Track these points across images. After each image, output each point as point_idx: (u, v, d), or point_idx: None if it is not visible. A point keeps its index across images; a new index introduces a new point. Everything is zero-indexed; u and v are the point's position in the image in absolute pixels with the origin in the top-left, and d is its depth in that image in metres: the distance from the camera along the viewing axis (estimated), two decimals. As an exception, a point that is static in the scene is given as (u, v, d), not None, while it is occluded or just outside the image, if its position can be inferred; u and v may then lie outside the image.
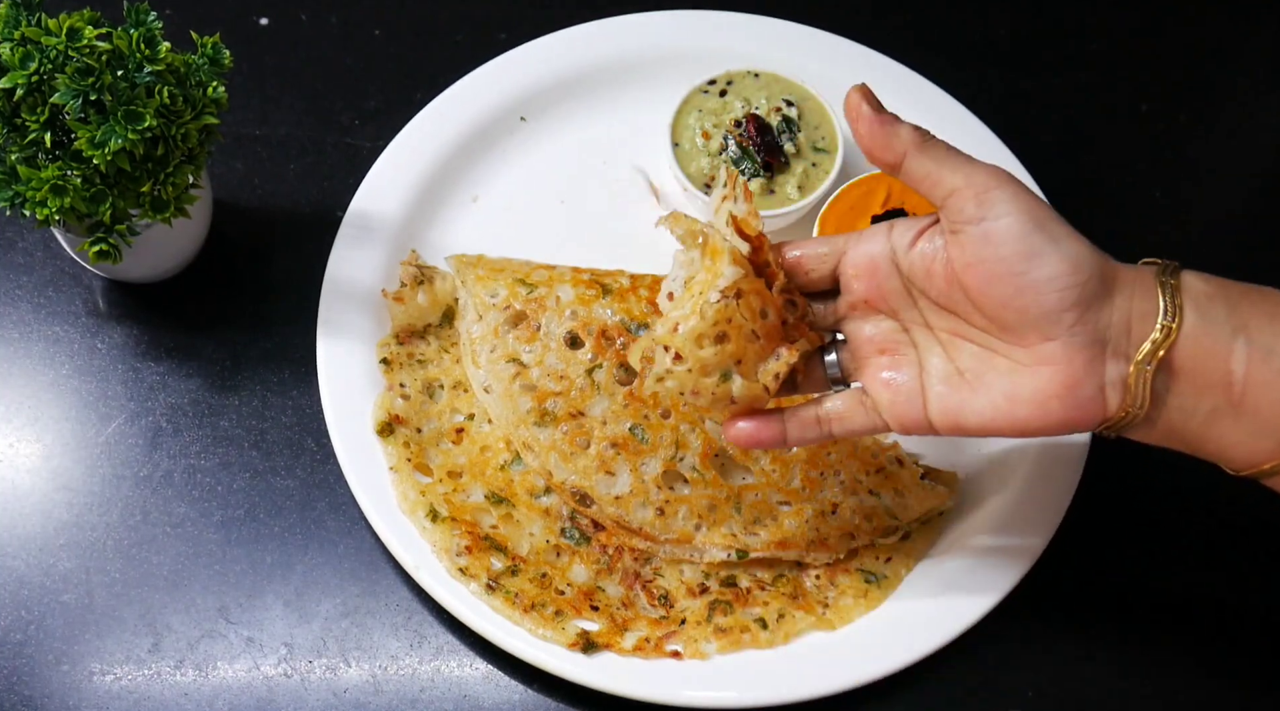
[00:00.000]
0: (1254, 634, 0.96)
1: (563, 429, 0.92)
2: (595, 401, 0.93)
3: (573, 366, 0.93)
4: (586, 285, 0.96)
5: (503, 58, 1.12)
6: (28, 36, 0.86)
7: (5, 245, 1.06)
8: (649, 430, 0.92)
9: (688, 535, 0.92)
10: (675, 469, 0.92)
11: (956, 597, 0.92)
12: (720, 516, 0.92)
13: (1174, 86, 1.20)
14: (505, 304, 0.96)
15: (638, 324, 0.94)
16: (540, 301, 0.95)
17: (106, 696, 0.90)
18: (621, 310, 0.94)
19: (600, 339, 0.93)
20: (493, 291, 0.97)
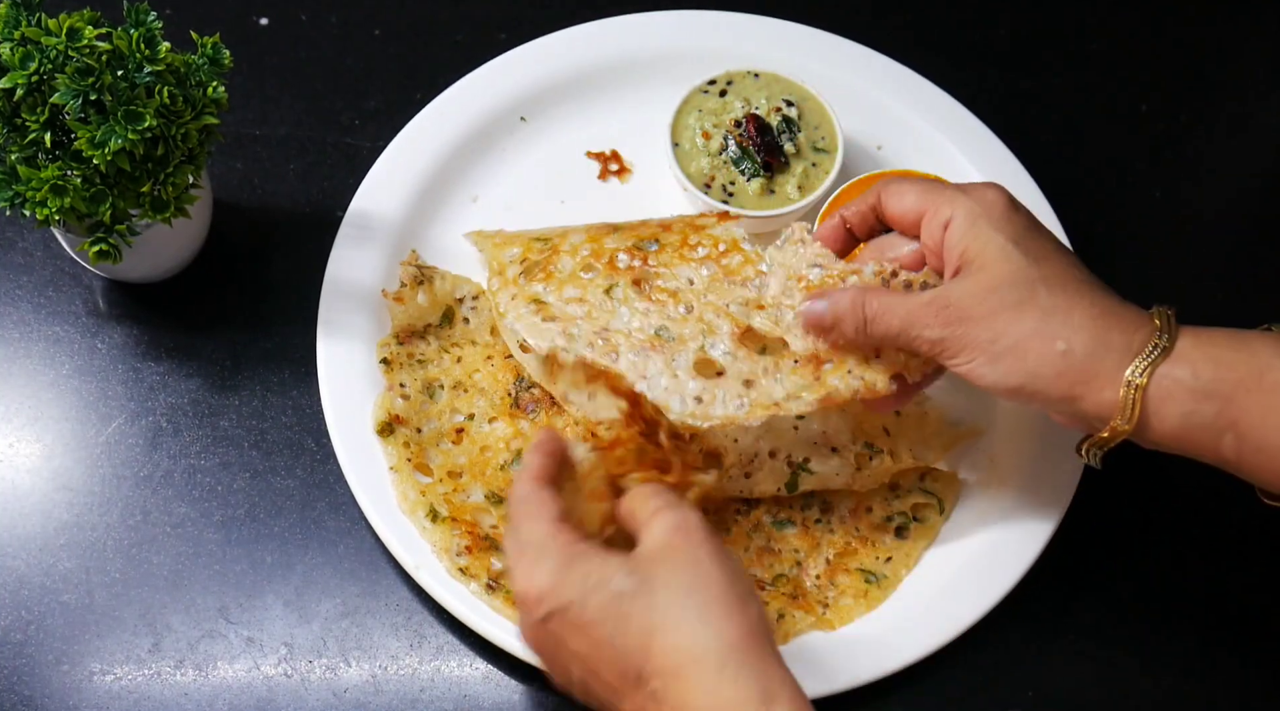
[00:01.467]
0: (1255, 633, 0.96)
1: (591, 347, 0.91)
2: (619, 314, 0.92)
3: (590, 291, 0.93)
4: (597, 229, 0.98)
5: (503, 58, 1.12)
6: (28, 36, 0.86)
7: (5, 245, 1.06)
8: (673, 326, 0.91)
9: (731, 418, 0.88)
10: (707, 357, 0.89)
11: (956, 598, 0.92)
12: (761, 390, 0.89)
13: (1174, 86, 1.20)
14: (522, 257, 0.97)
15: (649, 241, 0.95)
16: (554, 248, 0.96)
17: (106, 696, 0.90)
18: (631, 236, 0.96)
19: (612, 263, 0.94)
20: (509, 252, 0.98)
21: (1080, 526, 0.96)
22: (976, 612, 0.91)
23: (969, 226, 0.82)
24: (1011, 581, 0.92)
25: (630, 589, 0.71)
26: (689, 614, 0.70)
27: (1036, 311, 0.79)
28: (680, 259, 0.93)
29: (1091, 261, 1.07)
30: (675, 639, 0.69)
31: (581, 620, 0.72)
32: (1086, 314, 0.79)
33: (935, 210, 0.84)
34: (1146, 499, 1.00)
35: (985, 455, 0.99)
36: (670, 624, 0.69)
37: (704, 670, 0.68)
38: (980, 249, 0.81)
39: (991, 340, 0.79)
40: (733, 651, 0.69)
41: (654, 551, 0.73)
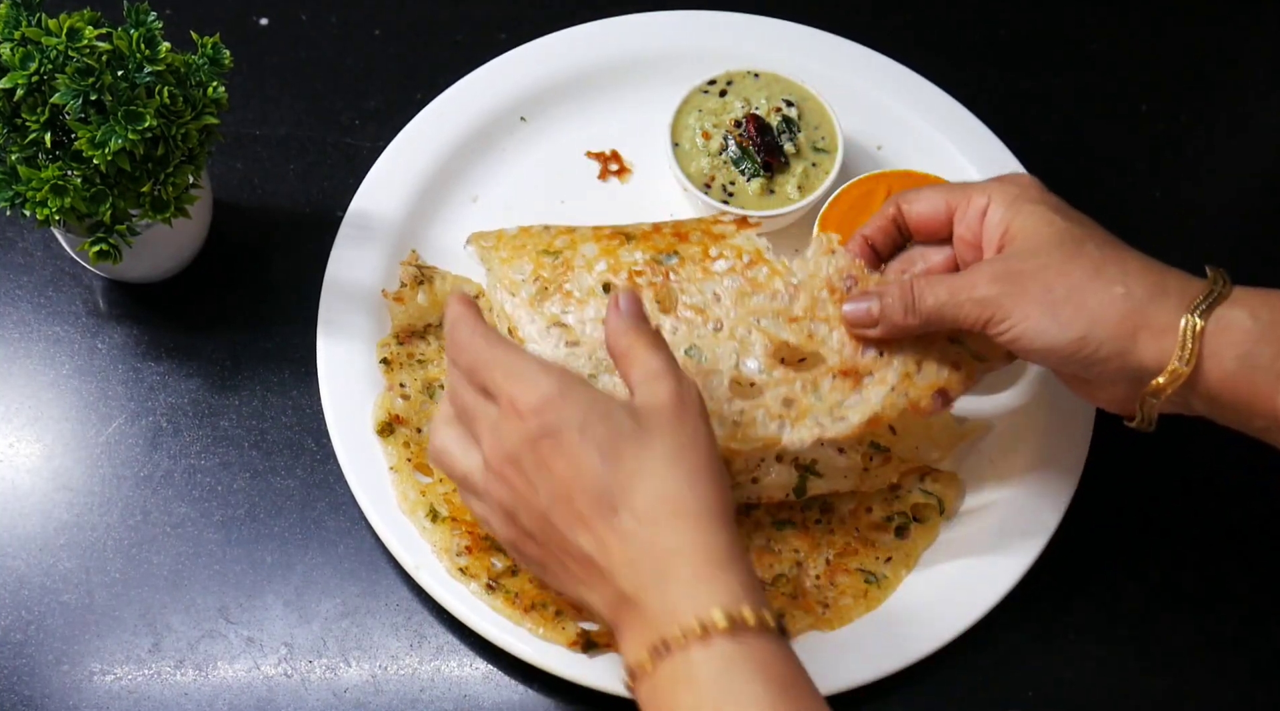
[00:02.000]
0: (1255, 633, 0.96)
1: (605, 379, 0.87)
2: None
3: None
4: (609, 237, 0.93)
5: (503, 58, 1.12)
6: (28, 36, 0.86)
7: (5, 245, 1.06)
8: (704, 345, 0.88)
9: (773, 440, 0.87)
10: (741, 377, 0.87)
11: (956, 598, 0.92)
12: (801, 409, 0.87)
13: (1174, 86, 1.20)
14: (534, 276, 0.91)
15: (666, 253, 0.91)
16: (567, 263, 0.91)
17: (106, 696, 0.90)
18: (648, 248, 0.91)
19: (633, 278, 0.90)
20: (519, 269, 0.92)
21: (1080, 526, 0.96)
22: (976, 612, 0.91)
23: (1008, 206, 0.82)
24: (1011, 581, 0.92)
25: (630, 430, 0.72)
26: (679, 473, 0.71)
27: (1088, 262, 0.79)
28: (703, 272, 0.90)
29: (1091, 261, 1.07)
30: (664, 489, 0.71)
31: (575, 442, 0.72)
32: (1139, 263, 0.80)
33: (968, 202, 0.84)
34: (1147, 499, 1.00)
35: (985, 455, 0.99)
36: (661, 474, 0.71)
37: (685, 523, 0.71)
38: (1023, 222, 0.81)
39: (1046, 290, 0.78)
40: (716, 515, 0.71)
41: (654, 409, 0.74)
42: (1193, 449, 1.01)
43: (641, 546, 0.70)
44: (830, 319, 0.88)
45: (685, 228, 0.93)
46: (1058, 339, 0.78)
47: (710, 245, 0.91)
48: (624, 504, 0.71)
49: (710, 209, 1.02)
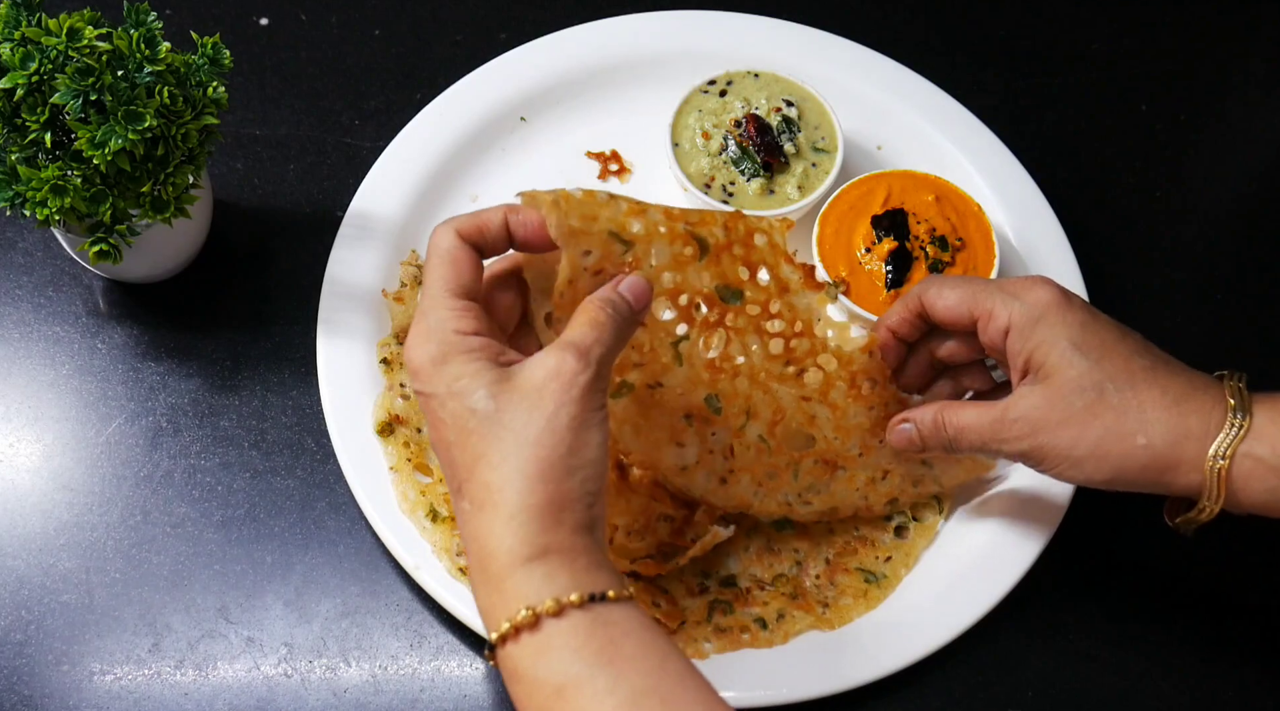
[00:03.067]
0: (1255, 633, 0.96)
1: (639, 401, 0.87)
2: (675, 373, 0.87)
3: (659, 339, 0.86)
4: (683, 241, 0.86)
5: (503, 58, 1.12)
6: (28, 36, 0.86)
7: (5, 245, 1.06)
8: (723, 399, 0.89)
9: (746, 502, 0.91)
10: (743, 439, 0.90)
11: (956, 598, 0.92)
12: (778, 484, 0.91)
13: (1174, 86, 1.20)
14: (597, 267, 0.83)
15: (733, 290, 0.88)
16: (637, 261, 0.84)
17: (106, 696, 0.90)
18: (716, 275, 0.87)
19: (690, 309, 0.87)
20: (586, 249, 0.82)
21: (1080, 526, 0.96)
22: (976, 612, 0.91)
23: (1029, 333, 0.84)
24: (1011, 581, 0.92)
25: (483, 411, 0.73)
26: (512, 461, 0.72)
27: (1109, 412, 0.82)
28: (754, 329, 0.89)
29: (1092, 261, 1.07)
30: (491, 476, 0.72)
31: (436, 415, 0.75)
32: (1159, 404, 0.82)
33: (989, 316, 0.86)
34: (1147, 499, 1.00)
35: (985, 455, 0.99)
36: (495, 460, 0.72)
37: (497, 514, 0.72)
38: (1044, 357, 0.83)
39: (1070, 446, 0.82)
40: (528, 509, 0.72)
41: (522, 386, 0.74)
42: (1193, 449, 1.01)
43: (470, 535, 0.74)
44: (835, 406, 0.91)
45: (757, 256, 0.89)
46: (1090, 481, 0.84)
47: (774, 300, 0.89)
48: (464, 487, 0.74)
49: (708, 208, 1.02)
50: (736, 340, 0.88)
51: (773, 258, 0.89)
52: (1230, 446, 0.80)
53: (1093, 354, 0.83)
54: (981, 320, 0.86)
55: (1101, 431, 0.82)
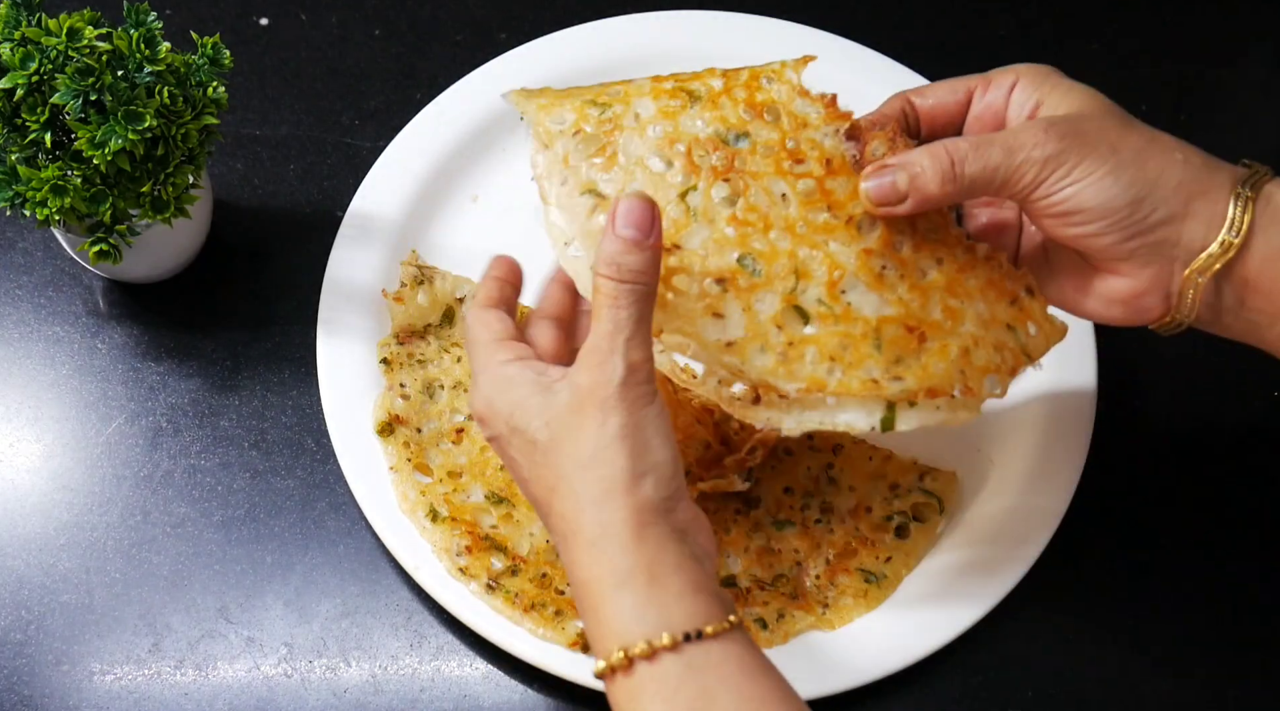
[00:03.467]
0: (1256, 633, 0.96)
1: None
2: (693, 231, 0.76)
3: (662, 191, 0.76)
4: (670, 94, 0.79)
5: (503, 58, 1.12)
6: (28, 36, 0.86)
7: (5, 245, 1.06)
8: (761, 259, 0.76)
9: (819, 382, 0.76)
10: (797, 303, 0.76)
11: (956, 598, 0.92)
12: (856, 356, 0.76)
13: (1174, 86, 1.20)
14: (574, 128, 0.78)
15: (736, 133, 0.78)
16: (616, 120, 0.78)
17: (106, 696, 0.90)
18: (715, 118, 0.78)
19: (690, 157, 0.77)
20: (559, 118, 0.79)
21: (1080, 526, 0.96)
22: (976, 612, 0.91)
23: (1040, 83, 0.78)
24: (1011, 581, 0.92)
25: (542, 443, 0.72)
26: (578, 488, 0.71)
27: (1144, 130, 0.76)
28: (775, 167, 0.77)
29: (1091, 261, 1.07)
30: (564, 506, 0.71)
31: (507, 454, 0.75)
32: (1183, 145, 0.77)
33: (989, 82, 0.79)
34: (1147, 499, 1.00)
35: (985, 455, 0.99)
36: (564, 490, 0.71)
37: (580, 543, 0.70)
38: (1062, 94, 0.77)
39: (1113, 149, 0.74)
40: (605, 534, 0.70)
41: (567, 408, 0.71)
42: (1193, 448, 1.01)
43: (565, 567, 0.72)
44: (905, 262, 0.78)
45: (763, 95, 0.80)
46: (1117, 199, 0.73)
47: (790, 135, 0.79)
48: (548, 519, 0.73)
49: None
50: (756, 185, 0.77)
51: (787, 95, 0.80)
52: (1257, 182, 0.76)
53: (1108, 100, 0.78)
54: (980, 89, 0.80)
55: (1139, 142, 0.75)
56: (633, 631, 0.68)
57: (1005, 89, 0.79)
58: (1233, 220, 0.74)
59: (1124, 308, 0.78)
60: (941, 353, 0.78)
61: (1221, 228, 0.74)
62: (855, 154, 0.79)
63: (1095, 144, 0.74)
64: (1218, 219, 0.74)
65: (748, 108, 0.79)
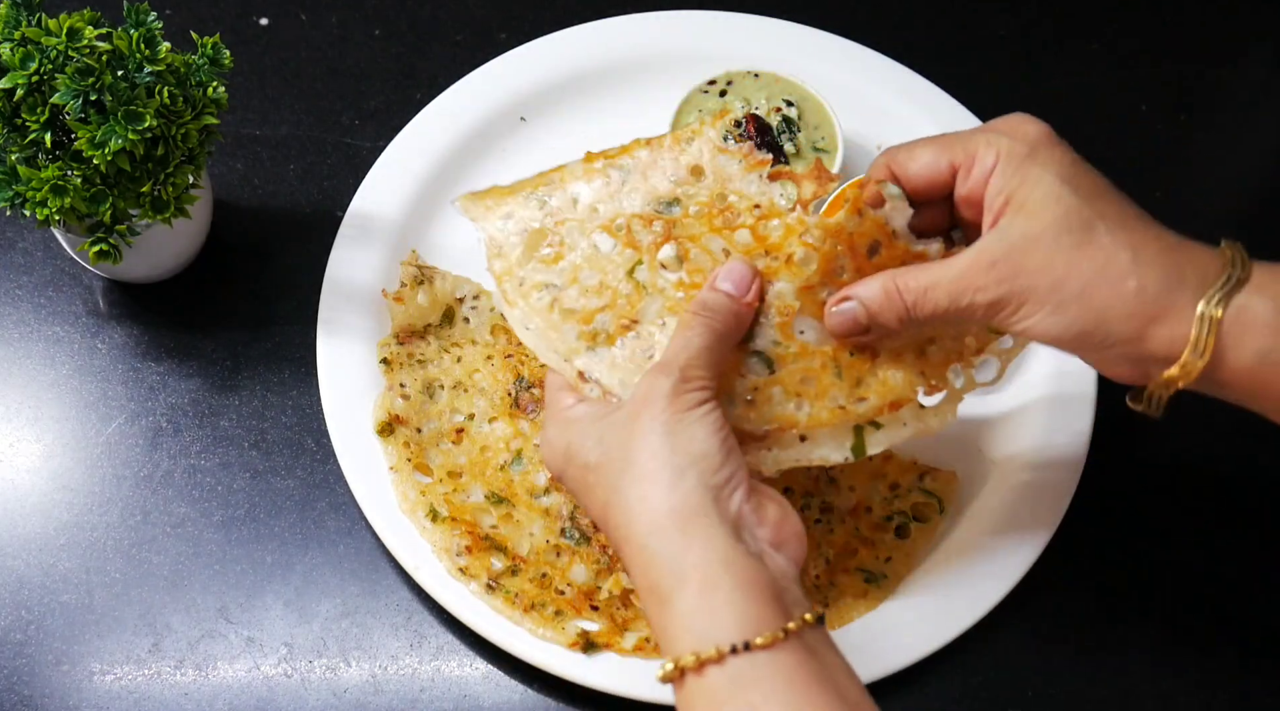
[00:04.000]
0: (1255, 634, 0.96)
1: (620, 345, 0.80)
2: (647, 304, 0.81)
3: (611, 272, 0.81)
4: (601, 173, 0.84)
5: (503, 58, 1.12)
6: (28, 36, 0.86)
7: (5, 245, 1.06)
8: None
9: (790, 419, 0.79)
10: (753, 348, 0.80)
11: (956, 598, 0.92)
12: (820, 387, 0.80)
13: (1174, 86, 1.20)
14: (521, 227, 0.84)
15: (666, 201, 0.83)
16: (556, 213, 0.83)
17: (106, 696, 0.90)
18: (646, 191, 0.83)
19: (630, 234, 0.82)
20: (505, 216, 0.84)
21: (1080, 526, 0.96)
22: (976, 612, 0.91)
23: (1014, 169, 0.75)
24: (1011, 581, 0.92)
25: (594, 462, 0.74)
26: (627, 491, 0.71)
27: (1099, 252, 0.72)
28: (710, 227, 0.81)
29: (1091, 261, 1.07)
30: (616, 516, 0.72)
31: (575, 491, 0.77)
32: (1155, 248, 0.73)
33: (974, 160, 0.77)
34: (1146, 499, 1.00)
35: (985, 455, 0.99)
36: (616, 501, 0.72)
37: (633, 548, 0.71)
38: (1028, 193, 0.74)
39: (1053, 289, 0.73)
40: (654, 532, 0.70)
41: (623, 414, 0.74)
42: (1193, 448, 1.01)
43: (632, 577, 0.72)
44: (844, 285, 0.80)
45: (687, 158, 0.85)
46: (1064, 333, 0.74)
47: (717, 192, 0.83)
48: (612, 536, 0.74)
49: None
50: (696, 247, 0.81)
51: (710, 154, 0.83)
52: (1225, 294, 0.71)
53: (1084, 192, 0.74)
54: (964, 168, 0.77)
55: (1090, 272, 0.72)
56: (683, 641, 0.67)
57: (984, 174, 0.77)
58: (1196, 342, 0.72)
59: (1112, 377, 0.78)
60: (896, 361, 0.81)
61: (1185, 349, 0.72)
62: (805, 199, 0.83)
63: (1036, 285, 0.73)
64: (1179, 338, 0.72)
65: (674, 173, 0.83)
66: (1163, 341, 0.73)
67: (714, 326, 0.76)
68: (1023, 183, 0.75)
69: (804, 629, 0.67)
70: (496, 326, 1.01)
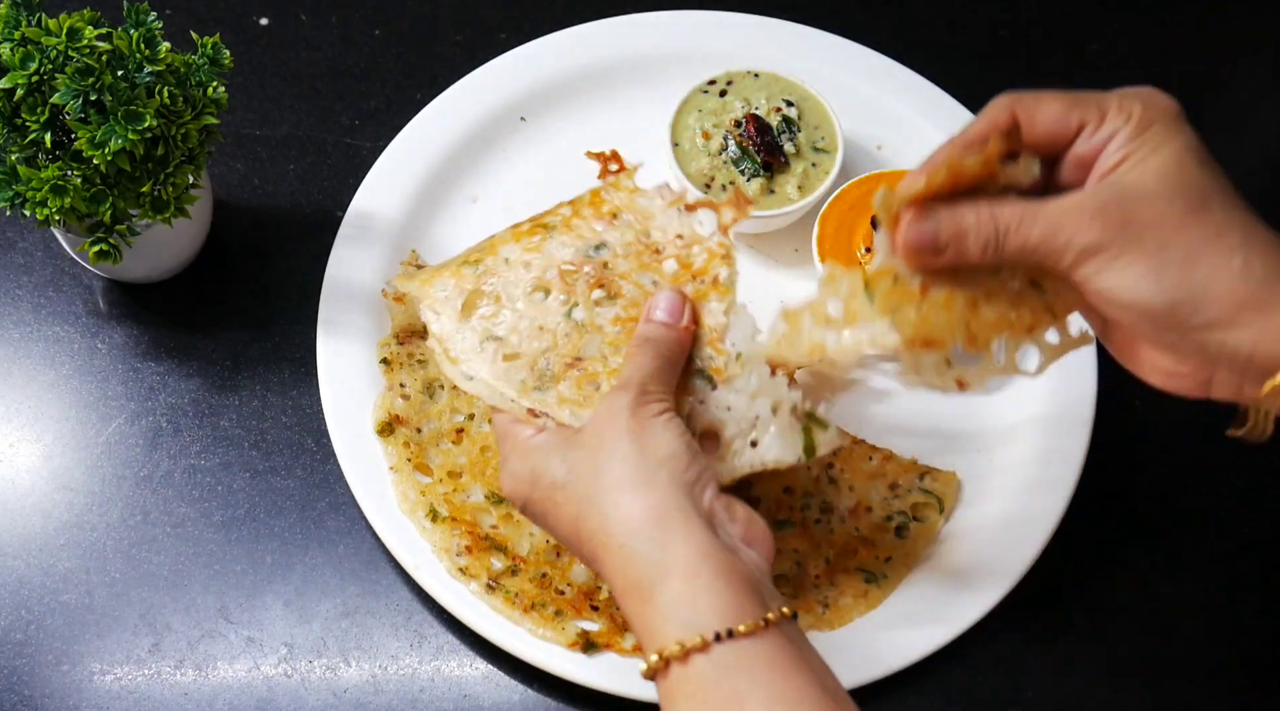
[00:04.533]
0: (1253, 635, 0.96)
1: (566, 381, 0.83)
2: (587, 341, 0.84)
3: (549, 316, 0.84)
4: (529, 234, 0.88)
5: (503, 58, 1.12)
6: (28, 36, 0.86)
7: (5, 245, 1.06)
8: None
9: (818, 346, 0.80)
10: (695, 368, 0.83)
11: (955, 598, 0.92)
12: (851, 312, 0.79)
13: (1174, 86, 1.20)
14: (456, 290, 0.86)
15: (593, 245, 0.86)
16: (489, 271, 0.86)
17: (106, 696, 0.90)
18: (573, 239, 0.86)
19: (564, 279, 0.85)
20: (442, 286, 0.87)
21: (1080, 526, 0.96)
22: (976, 612, 0.91)
23: (1139, 130, 0.72)
24: (1011, 581, 0.92)
25: (561, 479, 0.75)
26: (600, 499, 0.72)
27: (1211, 222, 0.69)
28: (640, 264, 0.85)
29: (1091, 261, 1.07)
30: (590, 525, 0.73)
31: (541, 515, 0.77)
32: (1264, 237, 0.69)
33: (1102, 118, 0.73)
34: (1146, 499, 1.00)
35: (985, 455, 0.99)
36: (587, 510, 0.73)
37: (610, 552, 0.71)
38: (1149, 153, 0.71)
39: (1160, 246, 0.68)
40: (632, 533, 0.70)
41: (588, 432, 0.76)
42: (1193, 448, 1.01)
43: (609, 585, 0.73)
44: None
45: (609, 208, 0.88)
46: (1154, 300, 0.69)
47: (641, 230, 0.87)
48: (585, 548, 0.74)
49: None
50: (627, 283, 0.85)
51: (628, 199, 0.87)
52: None
53: (1206, 166, 0.71)
54: (1092, 126, 0.74)
55: (1200, 239, 0.68)
56: (667, 632, 0.68)
57: (1109, 135, 0.73)
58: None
59: (1160, 376, 0.74)
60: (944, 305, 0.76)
61: (1275, 345, 0.68)
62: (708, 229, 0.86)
63: (1142, 237, 0.69)
64: (1269, 334, 0.68)
65: (597, 221, 0.87)
66: (1251, 335, 0.68)
67: (660, 351, 0.79)
68: (1144, 143, 0.71)
69: (781, 621, 0.68)
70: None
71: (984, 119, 0.77)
